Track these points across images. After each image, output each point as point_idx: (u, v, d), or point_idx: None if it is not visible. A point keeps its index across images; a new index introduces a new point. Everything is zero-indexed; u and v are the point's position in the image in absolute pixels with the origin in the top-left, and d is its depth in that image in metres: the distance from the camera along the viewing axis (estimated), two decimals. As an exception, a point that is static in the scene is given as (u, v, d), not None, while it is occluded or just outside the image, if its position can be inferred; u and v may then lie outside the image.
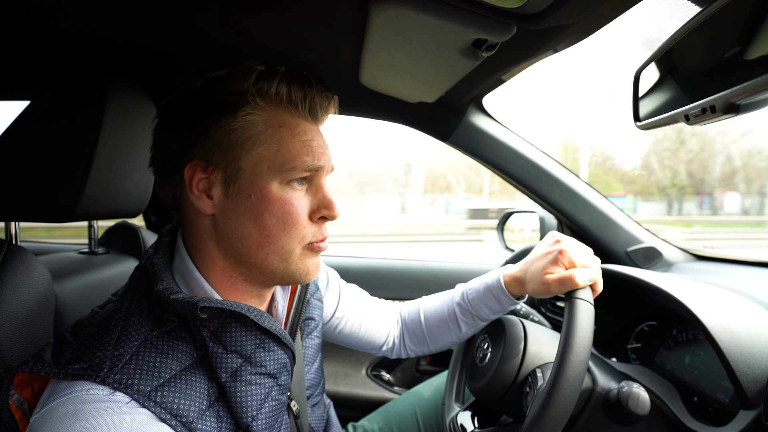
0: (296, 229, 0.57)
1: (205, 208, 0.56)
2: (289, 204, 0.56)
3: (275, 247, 0.56)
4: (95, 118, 0.69)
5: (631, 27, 8.78)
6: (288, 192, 0.56)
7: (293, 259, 0.58)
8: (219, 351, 0.53)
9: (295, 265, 0.58)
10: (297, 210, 0.57)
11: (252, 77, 0.56)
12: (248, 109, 0.55)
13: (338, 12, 0.69)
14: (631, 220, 1.24)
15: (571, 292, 0.66)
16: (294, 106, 0.58)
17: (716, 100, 0.43)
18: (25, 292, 0.62)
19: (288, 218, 0.56)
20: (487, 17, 0.60)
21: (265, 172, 0.55)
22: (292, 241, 0.57)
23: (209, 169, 0.55)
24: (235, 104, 0.55)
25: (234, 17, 0.72)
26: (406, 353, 0.96)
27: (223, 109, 0.55)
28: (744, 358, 0.68)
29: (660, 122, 0.56)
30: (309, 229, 0.58)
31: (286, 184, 0.56)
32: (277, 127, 0.56)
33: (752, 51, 0.43)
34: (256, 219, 0.55)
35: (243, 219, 0.55)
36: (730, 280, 0.96)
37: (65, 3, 0.67)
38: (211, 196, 0.56)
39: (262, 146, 0.55)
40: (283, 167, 0.55)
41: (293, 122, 0.57)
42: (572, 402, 0.57)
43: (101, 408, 0.44)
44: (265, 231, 0.56)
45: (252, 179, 0.55)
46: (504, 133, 1.19)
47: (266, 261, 0.57)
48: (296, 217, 0.57)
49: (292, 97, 0.58)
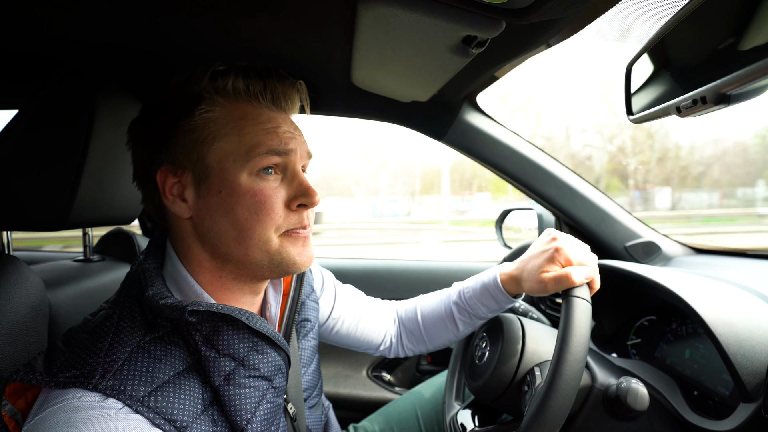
0: (270, 218, 0.56)
1: (182, 211, 0.56)
2: (260, 194, 0.55)
3: (252, 240, 0.56)
4: (86, 126, 0.69)
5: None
6: (258, 182, 0.56)
7: (273, 248, 0.57)
8: (212, 355, 0.53)
9: (278, 255, 0.57)
10: (269, 200, 0.56)
11: (206, 76, 0.56)
12: (205, 106, 0.56)
13: (326, 13, 0.68)
14: (629, 215, 1.24)
15: (568, 291, 0.66)
16: (255, 98, 0.58)
17: (707, 91, 0.43)
18: (17, 302, 0.61)
19: (260, 208, 0.55)
20: (476, 13, 0.59)
21: (232, 165, 0.55)
22: (267, 231, 0.56)
23: (179, 172, 0.56)
24: (191, 105, 0.55)
25: (223, 21, 0.72)
26: (404, 352, 0.95)
27: (181, 111, 0.56)
28: (743, 350, 0.67)
29: (652, 115, 0.56)
30: (286, 218, 0.57)
31: (256, 175, 0.56)
32: (238, 119, 0.56)
33: (742, 41, 0.42)
34: (229, 214, 0.55)
35: (217, 216, 0.55)
36: (729, 273, 0.95)
37: (54, 8, 0.67)
38: (185, 199, 0.56)
39: (223, 140, 0.55)
40: (248, 156, 0.55)
41: (255, 112, 0.57)
42: (570, 401, 0.57)
43: (93, 415, 0.44)
44: (239, 224, 0.55)
45: (220, 174, 0.55)
46: (499, 131, 1.19)
47: (248, 255, 0.57)
48: (269, 206, 0.56)
49: (250, 89, 0.58)
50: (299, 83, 0.63)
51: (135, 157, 0.60)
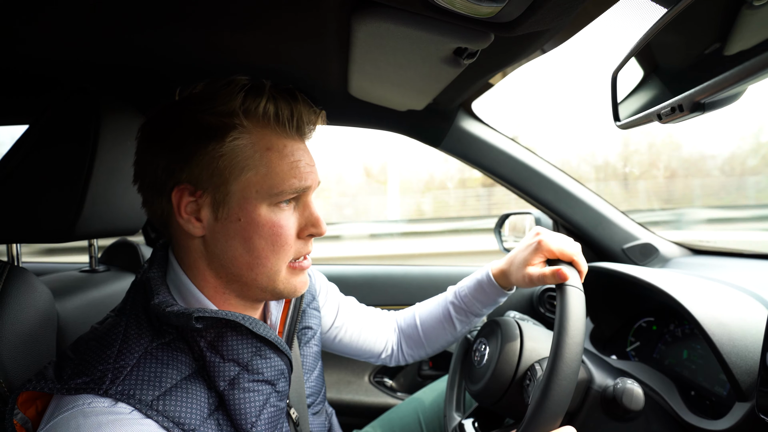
0: (284, 250, 0.58)
1: (195, 230, 0.56)
2: (278, 226, 0.57)
3: (264, 268, 0.57)
4: (91, 140, 0.71)
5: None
6: (277, 214, 0.57)
7: (280, 278, 0.59)
8: (216, 360, 0.55)
9: (282, 284, 0.60)
10: (286, 231, 0.57)
11: (239, 97, 0.54)
12: (235, 134, 0.54)
13: (322, 27, 0.71)
14: (626, 217, 1.25)
15: (560, 283, 0.68)
16: (281, 125, 0.57)
17: (683, 99, 0.45)
18: (27, 312, 0.63)
19: (277, 240, 0.57)
20: (464, 27, 0.61)
21: (254, 196, 0.55)
22: (280, 261, 0.58)
23: (198, 193, 0.55)
24: (222, 128, 0.54)
25: (223, 35, 0.74)
26: (405, 359, 0.97)
27: (209, 132, 0.54)
28: (736, 350, 0.68)
29: (636, 122, 0.57)
30: (293, 248, 0.59)
31: (275, 206, 0.57)
32: (264, 150, 0.56)
33: (716, 51, 0.44)
34: (246, 242, 0.56)
35: (233, 242, 0.56)
36: (725, 273, 0.96)
37: (55, 33, 0.70)
38: (200, 219, 0.56)
39: (250, 171, 0.55)
40: (271, 191, 0.56)
41: (281, 144, 0.57)
42: (573, 383, 0.59)
43: (104, 420, 0.45)
44: (255, 252, 0.56)
45: (241, 203, 0.55)
46: (495, 137, 1.21)
47: (256, 281, 0.58)
48: (285, 238, 0.57)
49: (279, 115, 0.57)
50: (321, 112, 0.63)
51: (143, 163, 0.58)
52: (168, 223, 0.59)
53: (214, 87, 0.57)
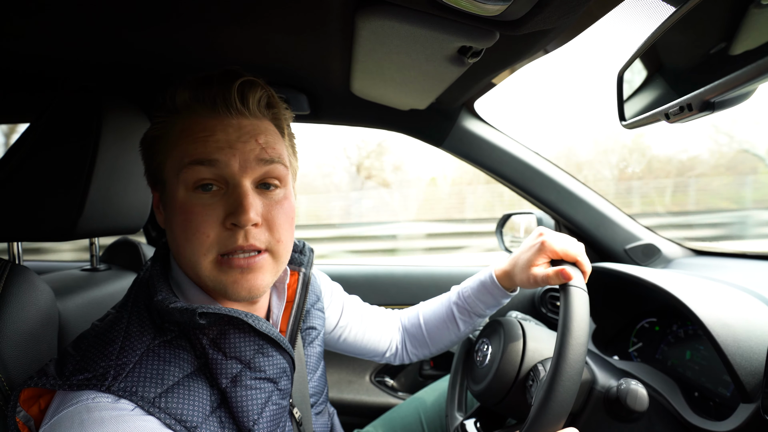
0: (196, 238, 0.52)
1: (162, 223, 0.60)
2: (189, 211, 0.52)
3: (184, 259, 0.55)
4: (93, 138, 0.71)
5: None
6: (191, 199, 0.53)
7: (204, 273, 0.54)
8: (219, 357, 0.54)
9: (209, 280, 0.54)
10: (197, 217, 0.52)
11: (168, 94, 0.58)
12: (158, 126, 0.58)
13: (326, 25, 0.70)
14: (628, 218, 1.25)
15: (564, 283, 0.68)
16: (194, 109, 0.55)
17: (692, 98, 0.44)
18: (28, 311, 0.63)
19: (188, 225, 0.52)
20: (470, 25, 0.61)
21: (173, 181, 0.55)
22: (195, 252, 0.53)
23: (157, 188, 0.60)
24: (157, 123, 0.58)
25: (225, 34, 0.74)
26: (409, 358, 0.97)
27: (154, 131, 0.59)
28: (741, 351, 0.68)
29: (643, 121, 0.57)
30: (218, 238, 0.53)
31: (192, 191, 0.53)
32: (179, 133, 0.55)
33: (726, 49, 0.44)
34: (169, 230, 0.57)
35: (168, 233, 0.58)
36: (728, 275, 0.96)
37: (60, 29, 0.69)
38: (161, 211, 0.60)
39: (169, 156, 0.56)
40: (178, 169, 0.54)
41: (193, 123, 0.55)
42: (576, 385, 0.58)
43: (107, 416, 0.45)
44: (175, 241, 0.56)
45: (168, 191, 0.57)
46: (497, 137, 1.20)
47: (195, 276, 0.56)
48: (195, 225, 0.52)
49: (195, 99, 0.55)
50: (246, 80, 0.56)
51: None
52: None
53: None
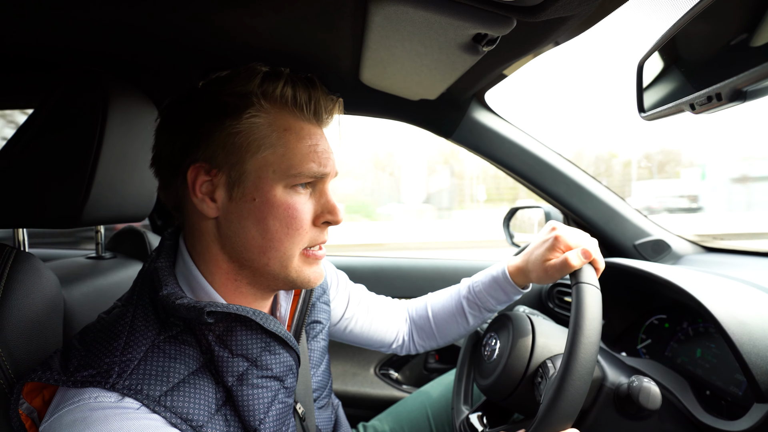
0: (299, 233, 0.57)
1: (209, 211, 0.56)
2: (293, 208, 0.56)
3: (277, 252, 0.56)
4: (98, 123, 0.70)
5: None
6: (292, 196, 0.56)
7: (292, 266, 0.58)
8: (225, 355, 0.53)
9: (294, 272, 0.58)
10: (301, 215, 0.56)
11: (257, 79, 0.55)
12: (252, 111, 0.54)
13: (338, 11, 0.69)
14: (638, 213, 1.23)
15: (577, 278, 0.67)
16: (299, 108, 0.57)
17: (722, 87, 0.43)
18: (33, 298, 0.62)
19: (291, 222, 0.56)
20: (487, 11, 0.59)
21: (270, 176, 0.55)
22: (293, 246, 0.57)
23: (213, 172, 0.55)
24: (239, 106, 0.54)
25: (234, 18, 0.72)
26: (416, 349, 0.96)
27: (226, 110, 0.54)
28: (757, 350, 0.67)
29: (665, 112, 0.55)
30: (310, 234, 0.58)
31: (291, 189, 0.56)
32: (282, 130, 0.55)
33: (757, 37, 0.42)
34: (260, 223, 0.55)
35: (246, 222, 0.55)
36: (741, 272, 0.95)
37: (65, 13, 0.68)
38: (214, 199, 0.56)
39: (267, 150, 0.54)
40: (288, 172, 0.55)
41: (298, 126, 0.57)
42: (587, 384, 0.57)
43: (110, 414, 0.44)
44: (269, 235, 0.55)
45: (256, 183, 0.54)
46: (507, 129, 1.18)
47: (268, 266, 0.57)
48: (299, 221, 0.56)
49: (297, 99, 0.57)
50: (339, 100, 0.62)
51: (161, 144, 0.58)
52: (182, 206, 0.59)
53: (234, 72, 0.57)
